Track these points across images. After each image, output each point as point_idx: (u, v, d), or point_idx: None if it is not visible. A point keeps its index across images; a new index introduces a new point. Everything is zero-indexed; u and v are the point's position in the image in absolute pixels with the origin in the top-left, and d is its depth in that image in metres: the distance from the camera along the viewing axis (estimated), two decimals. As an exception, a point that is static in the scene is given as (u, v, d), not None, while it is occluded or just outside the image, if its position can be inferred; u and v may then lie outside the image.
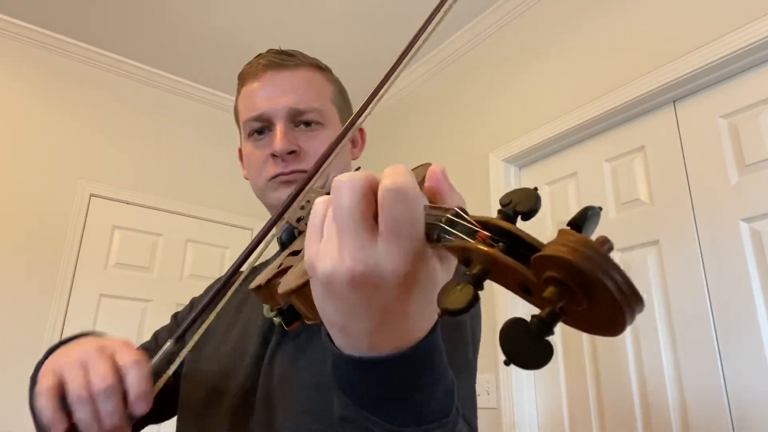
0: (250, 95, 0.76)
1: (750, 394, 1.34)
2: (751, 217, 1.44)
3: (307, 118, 0.74)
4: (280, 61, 0.76)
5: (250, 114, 0.75)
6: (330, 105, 0.78)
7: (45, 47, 2.59)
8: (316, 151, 0.73)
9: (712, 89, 1.61)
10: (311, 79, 0.77)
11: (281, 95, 0.73)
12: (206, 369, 0.72)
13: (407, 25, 2.48)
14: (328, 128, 0.76)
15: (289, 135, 0.72)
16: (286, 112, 0.73)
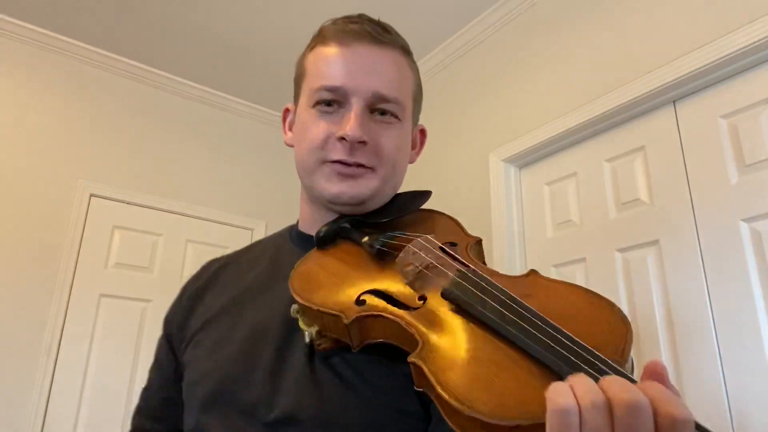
0: (331, 60, 0.65)
1: (750, 394, 1.34)
2: (751, 217, 1.44)
3: (387, 108, 0.65)
4: (376, 34, 0.66)
5: (325, 82, 0.64)
6: (410, 99, 0.69)
7: (45, 47, 2.59)
8: (387, 147, 0.65)
9: (712, 89, 1.61)
10: (401, 65, 0.67)
11: (369, 74, 0.64)
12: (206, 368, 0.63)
13: (407, 25, 2.48)
14: (403, 125, 0.68)
15: (365, 124, 0.63)
16: (369, 95, 0.63)
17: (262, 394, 0.57)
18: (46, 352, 2.28)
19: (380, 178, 0.65)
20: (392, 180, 0.67)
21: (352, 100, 0.63)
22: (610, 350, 0.38)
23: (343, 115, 0.64)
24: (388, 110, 0.65)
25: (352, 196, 0.63)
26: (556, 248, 1.95)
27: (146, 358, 2.53)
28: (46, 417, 2.24)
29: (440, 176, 2.45)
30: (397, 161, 0.67)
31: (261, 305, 0.65)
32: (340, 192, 0.63)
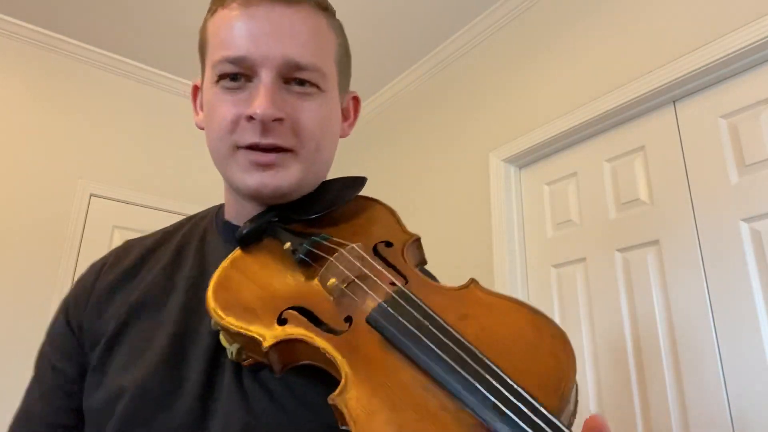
0: (230, 25, 0.55)
1: (750, 394, 1.34)
2: (751, 217, 1.44)
3: (304, 76, 0.55)
4: None
5: (226, 52, 0.54)
6: (332, 64, 0.59)
7: (45, 47, 2.59)
8: (308, 123, 0.55)
9: (712, 89, 1.61)
10: (317, 25, 0.57)
11: (278, 39, 0.54)
12: (122, 383, 0.52)
13: (406, 25, 2.48)
14: (326, 95, 0.57)
15: (278, 98, 0.53)
16: (279, 63, 0.53)
17: (190, 418, 0.49)
18: (46, 352, 2.28)
19: (303, 161, 0.56)
20: (318, 161, 0.58)
21: (261, 72, 0.53)
22: (551, 394, 0.35)
23: (251, 91, 0.54)
24: (307, 79, 0.55)
25: (273, 188, 0.55)
26: (556, 248, 1.95)
27: (146, 358, 2.53)
28: (46, 417, 2.24)
29: (440, 176, 2.45)
30: (322, 138, 0.57)
31: (187, 308, 0.56)
32: (259, 185, 0.54)
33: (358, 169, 3.13)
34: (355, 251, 0.50)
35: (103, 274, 0.64)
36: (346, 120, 0.67)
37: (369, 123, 3.08)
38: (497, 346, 0.39)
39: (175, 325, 0.54)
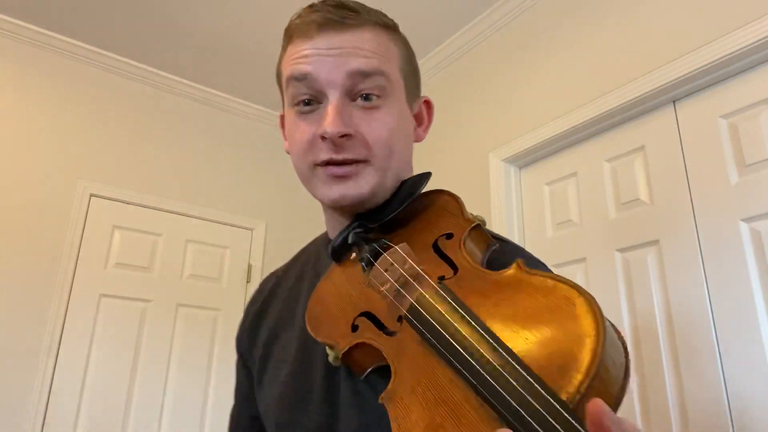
0: (298, 55, 0.60)
1: (750, 394, 1.35)
2: (751, 217, 1.44)
3: (370, 86, 0.58)
4: (339, 18, 0.59)
5: (295, 75, 0.59)
6: (396, 72, 0.62)
7: (45, 47, 2.59)
8: (377, 134, 0.59)
9: (712, 89, 1.61)
10: (378, 39, 0.61)
11: (338, 59, 0.58)
12: (273, 393, 0.64)
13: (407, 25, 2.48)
14: (393, 103, 0.61)
15: (344, 113, 0.57)
16: (342, 80, 0.58)
17: (322, 419, 0.57)
18: (46, 352, 2.28)
19: (378, 170, 0.59)
20: (393, 166, 0.61)
21: (328, 93, 0.58)
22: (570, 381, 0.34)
23: (322, 112, 0.59)
24: (372, 91, 0.59)
25: (353, 197, 0.59)
26: (556, 248, 1.95)
27: (146, 358, 2.53)
28: (46, 417, 2.24)
29: (440, 176, 2.45)
30: (394, 145, 0.60)
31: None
32: (339, 196, 0.59)
33: (358, 169, 3.12)
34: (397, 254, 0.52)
35: (251, 308, 0.77)
36: (421, 125, 0.70)
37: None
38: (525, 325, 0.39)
39: (298, 339, 0.64)
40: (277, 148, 3.23)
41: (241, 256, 2.94)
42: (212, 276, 2.83)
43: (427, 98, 0.72)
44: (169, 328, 2.63)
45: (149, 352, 2.55)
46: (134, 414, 2.44)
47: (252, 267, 2.94)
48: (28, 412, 2.20)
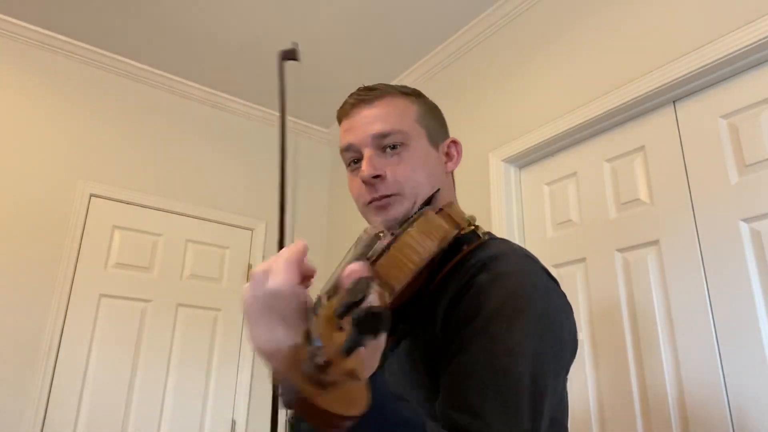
0: (343, 132, 0.85)
1: (750, 394, 1.34)
2: (751, 217, 1.44)
3: (391, 141, 0.80)
4: (364, 96, 0.84)
5: (343, 147, 0.84)
6: (414, 124, 0.83)
7: (45, 47, 2.59)
8: (403, 173, 0.79)
9: (712, 89, 1.61)
10: (393, 104, 0.83)
11: (366, 126, 0.81)
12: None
13: (406, 26, 2.48)
14: (414, 148, 0.81)
15: (375, 161, 0.79)
16: (370, 140, 0.80)
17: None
18: (46, 352, 2.28)
19: (408, 199, 0.79)
20: (421, 194, 0.79)
21: (363, 151, 0.80)
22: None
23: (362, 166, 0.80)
24: (396, 142, 0.80)
25: (389, 221, 0.78)
26: (556, 248, 1.95)
27: (146, 358, 2.53)
28: (46, 417, 2.24)
29: (440, 176, 2.45)
30: (419, 178, 0.80)
31: None
32: (383, 221, 0.79)
33: (358, 169, 3.13)
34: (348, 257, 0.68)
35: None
36: (450, 159, 0.89)
37: (369, 123, 3.08)
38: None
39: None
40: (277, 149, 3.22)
41: (241, 256, 2.94)
42: (212, 276, 2.83)
43: (454, 139, 0.90)
44: (169, 328, 2.62)
45: (149, 352, 2.55)
46: (134, 414, 2.44)
47: (252, 267, 2.94)
48: (28, 412, 2.20)
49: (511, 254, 0.71)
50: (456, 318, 0.65)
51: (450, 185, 0.88)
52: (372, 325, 0.34)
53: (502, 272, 0.67)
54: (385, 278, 0.58)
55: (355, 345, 0.34)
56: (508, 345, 0.60)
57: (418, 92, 0.89)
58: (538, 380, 0.60)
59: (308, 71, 2.82)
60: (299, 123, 3.32)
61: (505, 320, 0.62)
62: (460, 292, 0.67)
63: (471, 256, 0.72)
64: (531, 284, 0.67)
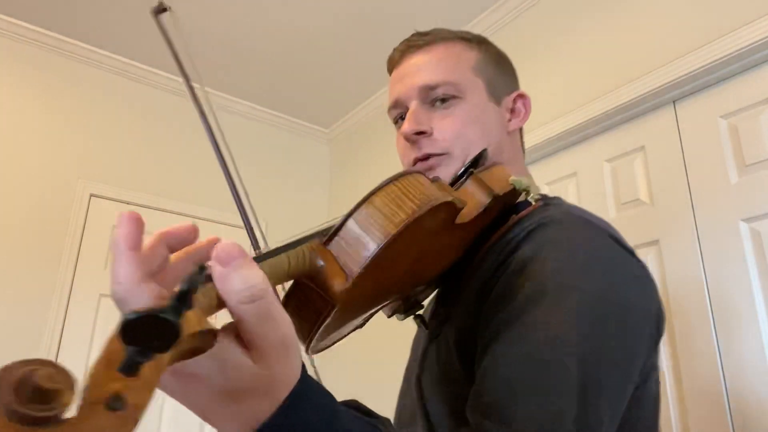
0: (391, 85, 0.75)
1: (750, 394, 1.34)
2: (751, 217, 1.44)
3: (440, 93, 0.69)
4: (412, 43, 0.73)
5: (389, 103, 0.74)
6: (470, 74, 0.71)
7: (45, 47, 2.59)
8: (452, 128, 0.67)
9: (712, 89, 1.61)
10: (446, 52, 0.72)
11: (412, 77, 0.70)
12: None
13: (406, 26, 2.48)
14: (468, 101, 0.70)
15: (420, 115, 0.68)
16: (416, 93, 0.69)
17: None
18: (46, 352, 2.28)
19: (457, 158, 0.67)
20: (474, 153, 0.66)
21: (408, 104, 0.70)
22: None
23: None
24: (447, 95, 0.69)
25: None
26: (556, 248, 1.95)
27: (146, 358, 2.53)
28: (46, 417, 2.24)
29: (440, 176, 2.45)
30: (471, 136, 0.68)
31: None
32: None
33: (358, 169, 3.13)
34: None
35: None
36: (516, 116, 0.78)
37: (368, 123, 3.08)
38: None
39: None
40: (278, 149, 3.23)
41: (241, 256, 2.93)
42: (212, 276, 2.83)
43: (522, 92, 0.79)
44: (169, 328, 2.62)
45: (149, 352, 2.54)
46: (134, 414, 2.44)
47: (252, 267, 2.94)
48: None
49: (564, 219, 0.58)
50: (493, 300, 0.53)
51: (511, 146, 0.75)
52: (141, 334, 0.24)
53: (548, 242, 0.54)
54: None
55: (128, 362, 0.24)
56: (551, 332, 0.47)
57: (483, 38, 0.76)
58: (591, 378, 0.46)
59: (308, 71, 2.82)
60: (299, 123, 3.32)
61: (548, 302, 0.49)
62: (498, 269, 0.56)
63: (518, 225, 0.60)
64: (588, 254, 0.53)
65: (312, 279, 0.42)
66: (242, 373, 0.32)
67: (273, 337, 0.32)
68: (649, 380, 0.56)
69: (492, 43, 0.78)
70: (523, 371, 0.46)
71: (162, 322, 0.24)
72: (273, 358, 0.32)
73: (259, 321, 0.31)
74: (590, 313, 0.49)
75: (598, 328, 0.49)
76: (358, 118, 3.13)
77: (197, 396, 0.33)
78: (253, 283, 0.31)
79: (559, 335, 0.47)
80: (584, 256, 0.53)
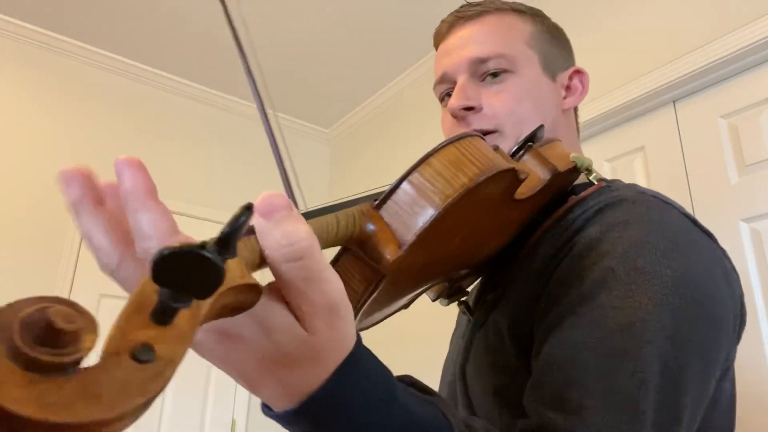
0: (437, 59, 0.70)
1: (750, 394, 1.34)
2: (751, 217, 1.44)
3: (492, 66, 0.64)
4: (461, 14, 0.68)
5: (436, 77, 0.69)
6: (523, 47, 0.66)
7: (45, 47, 2.59)
8: (504, 104, 0.63)
9: (712, 89, 1.60)
10: (498, 23, 0.67)
11: (461, 49, 0.65)
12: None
13: (406, 27, 2.48)
14: (521, 75, 0.65)
15: (469, 90, 0.63)
16: (465, 66, 0.64)
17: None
18: (46, 352, 2.28)
19: (509, 136, 0.63)
20: (526, 131, 0.61)
21: (456, 78, 0.65)
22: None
23: None
24: (498, 69, 0.64)
25: None
26: (556, 248, 1.95)
27: (146, 358, 2.53)
28: (46, 417, 2.24)
29: (440, 176, 2.44)
30: (523, 112, 0.63)
31: None
32: None
33: (358, 169, 3.13)
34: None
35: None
36: (572, 93, 0.71)
37: (368, 123, 3.08)
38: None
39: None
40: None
41: (241, 256, 2.94)
42: (212, 276, 2.83)
43: (579, 68, 0.72)
44: (169, 328, 2.63)
45: (149, 352, 2.55)
46: (134, 414, 2.44)
47: (252, 267, 2.95)
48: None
49: (637, 198, 0.54)
50: (555, 284, 0.49)
51: (567, 125, 0.69)
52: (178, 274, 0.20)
53: (618, 221, 0.49)
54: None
55: (162, 307, 0.21)
56: (626, 318, 0.43)
57: (537, 10, 0.72)
58: (676, 368, 0.42)
59: (308, 71, 2.82)
60: (299, 123, 3.32)
61: (621, 285, 0.44)
62: (560, 250, 0.51)
63: (579, 206, 0.55)
64: (665, 237, 0.48)
65: (361, 245, 0.38)
66: (289, 338, 0.29)
67: (321, 301, 0.29)
68: (726, 377, 0.51)
69: (547, 16, 0.73)
70: (596, 360, 0.42)
71: (204, 261, 0.20)
72: (322, 324, 0.29)
73: (305, 282, 0.28)
74: (669, 299, 0.44)
75: (679, 315, 0.44)
76: (358, 118, 3.13)
77: (240, 361, 0.30)
78: (298, 238, 0.28)
79: (635, 322, 0.42)
80: (661, 237, 0.48)
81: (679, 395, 0.42)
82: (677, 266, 0.46)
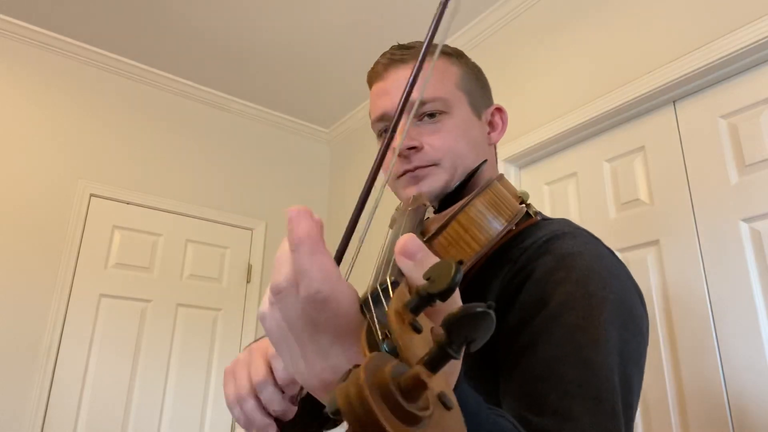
0: (374, 97, 0.76)
1: (750, 393, 1.35)
2: (751, 217, 1.44)
3: (429, 108, 0.71)
4: (399, 56, 0.74)
5: (374, 116, 0.75)
6: (454, 89, 0.74)
7: (45, 47, 2.59)
8: (442, 142, 0.71)
9: (712, 89, 1.61)
10: (434, 67, 0.73)
11: (399, 90, 0.71)
12: None
13: (404, 28, 2.48)
14: (454, 115, 0.72)
15: (412, 132, 0.71)
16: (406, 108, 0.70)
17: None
18: (46, 352, 2.28)
19: (446, 170, 0.70)
20: (461, 165, 0.71)
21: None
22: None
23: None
24: (435, 110, 0.71)
25: (427, 192, 0.70)
26: (556, 248, 1.95)
27: (146, 358, 2.53)
28: (46, 417, 2.24)
29: (440, 176, 2.45)
30: (460, 148, 0.71)
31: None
32: (417, 192, 0.70)
33: (358, 169, 3.13)
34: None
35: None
36: (495, 129, 0.80)
37: (368, 123, 3.08)
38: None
39: None
40: (277, 149, 3.23)
41: (241, 256, 2.94)
42: (212, 276, 2.83)
43: (499, 106, 0.81)
44: (169, 328, 2.63)
45: (149, 352, 2.55)
46: (134, 414, 2.44)
47: (252, 267, 2.95)
48: (28, 412, 2.20)
49: (575, 233, 0.63)
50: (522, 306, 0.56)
51: (494, 158, 0.79)
52: (470, 330, 0.22)
53: (568, 253, 0.58)
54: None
55: (444, 357, 0.22)
56: (592, 335, 0.52)
57: (460, 52, 0.79)
58: (627, 373, 0.52)
59: (308, 71, 2.82)
60: (299, 123, 3.32)
61: (582, 307, 0.53)
62: (516, 278, 0.59)
63: (524, 236, 0.64)
64: (603, 266, 0.58)
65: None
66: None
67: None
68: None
69: (467, 56, 0.80)
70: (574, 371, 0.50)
71: (482, 316, 0.23)
72: None
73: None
74: (614, 318, 0.54)
75: (626, 332, 0.54)
76: (358, 118, 3.13)
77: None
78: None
79: (599, 338, 0.52)
80: (601, 266, 0.58)
81: (631, 396, 0.52)
82: (615, 290, 0.56)
